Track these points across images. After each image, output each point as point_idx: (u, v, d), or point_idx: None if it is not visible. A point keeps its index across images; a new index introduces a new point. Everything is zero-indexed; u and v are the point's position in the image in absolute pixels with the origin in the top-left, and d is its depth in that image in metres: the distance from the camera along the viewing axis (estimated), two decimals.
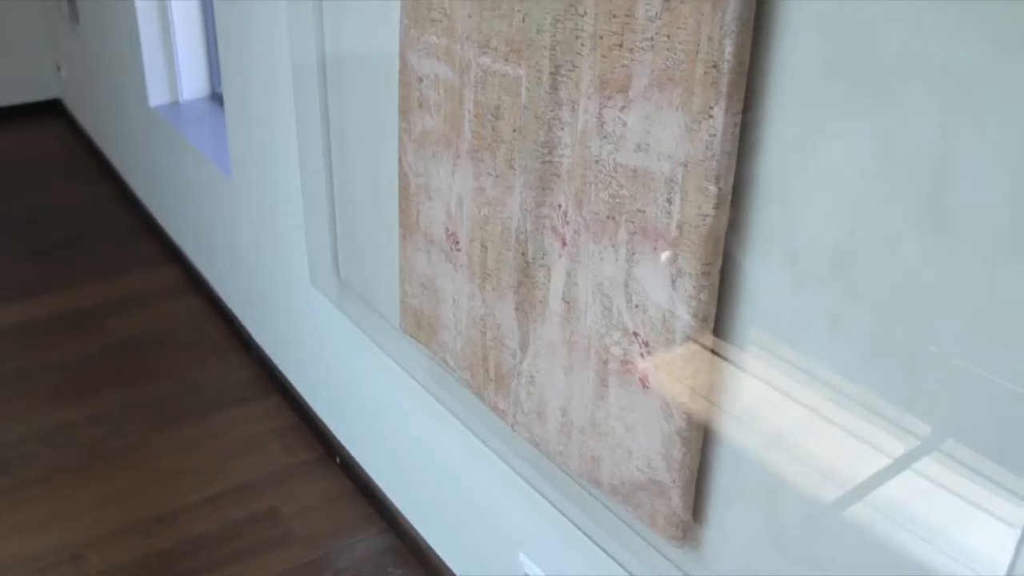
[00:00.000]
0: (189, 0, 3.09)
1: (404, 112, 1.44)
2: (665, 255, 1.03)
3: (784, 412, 1.01)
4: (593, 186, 1.10)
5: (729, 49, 0.90)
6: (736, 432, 1.07)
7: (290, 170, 2.10)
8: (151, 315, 3.06)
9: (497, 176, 1.27)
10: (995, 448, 0.80)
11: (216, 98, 3.20)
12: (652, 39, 0.98)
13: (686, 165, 0.97)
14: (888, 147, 0.82)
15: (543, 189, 1.18)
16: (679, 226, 1.00)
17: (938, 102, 0.77)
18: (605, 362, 1.17)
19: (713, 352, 1.05)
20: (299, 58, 1.85)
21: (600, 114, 1.06)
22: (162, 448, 2.41)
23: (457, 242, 1.39)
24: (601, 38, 1.03)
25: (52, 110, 4.93)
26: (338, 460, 2.34)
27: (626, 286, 1.10)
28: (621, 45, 1.01)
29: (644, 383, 1.12)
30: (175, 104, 3.21)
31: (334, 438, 2.35)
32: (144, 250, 3.48)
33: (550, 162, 1.16)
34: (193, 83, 3.20)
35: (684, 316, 1.03)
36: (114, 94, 3.73)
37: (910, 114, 0.80)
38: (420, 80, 1.37)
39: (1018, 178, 0.72)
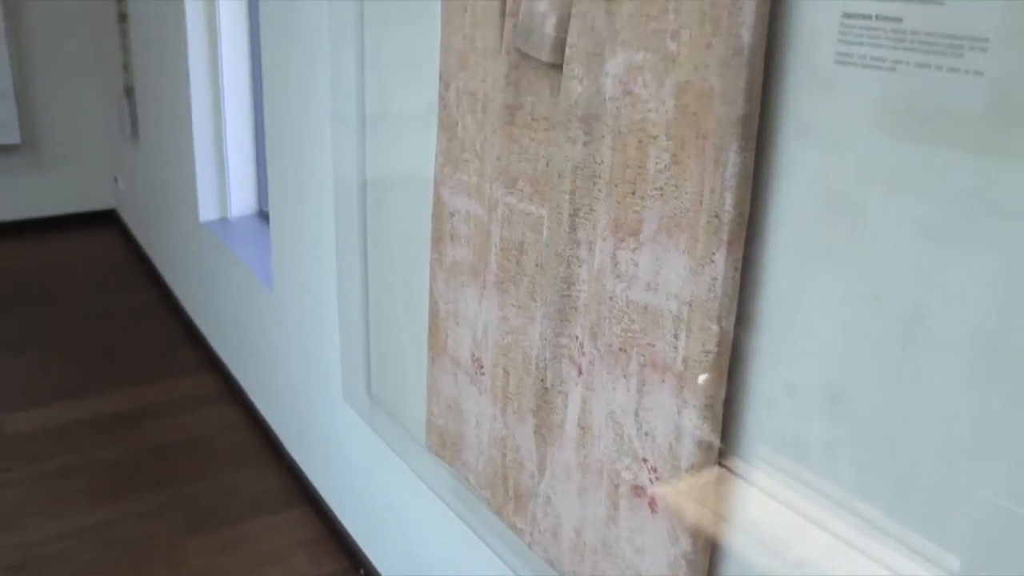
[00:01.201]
0: (242, 125, 3.28)
1: (436, 242, 1.54)
2: (672, 387, 1.10)
3: (788, 534, 1.06)
4: (607, 320, 1.18)
5: (730, 201, 0.99)
6: (742, 554, 1.11)
7: (328, 288, 2.21)
8: (189, 421, 3.15)
9: (520, 307, 1.35)
10: (983, 556, 0.84)
11: (263, 216, 3.35)
12: (661, 189, 1.07)
13: (691, 304, 1.05)
14: (871, 292, 0.90)
15: (562, 321, 1.26)
16: (684, 361, 1.07)
17: (915, 254, 0.85)
18: (616, 486, 1.23)
19: (718, 479, 1.11)
20: (341, 182, 1.98)
21: (614, 254, 1.15)
22: (193, 552, 2.47)
23: (482, 367, 1.47)
24: (616, 186, 1.13)
25: (107, 219, 5.15)
26: (362, 572, 2.37)
27: (636, 415, 1.16)
28: (634, 193, 1.11)
29: (652, 507, 1.17)
30: (224, 220, 3.37)
31: (359, 550, 2.39)
32: (186, 358, 3.59)
33: (568, 296, 1.24)
34: (242, 201, 3.37)
35: (689, 445, 1.09)
36: (167, 207, 3.92)
37: (890, 264, 0.87)
38: (451, 214, 1.48)
39: (983, 325, 0.79)
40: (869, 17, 0.85)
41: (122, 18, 4.32)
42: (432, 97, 1.51)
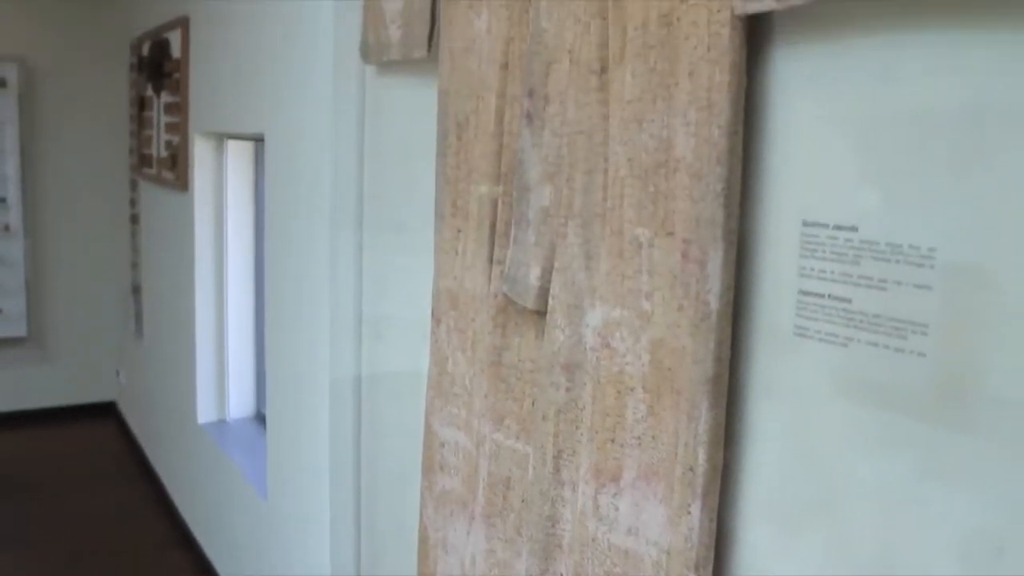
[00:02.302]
0: (244, 327, 3.37)
1: (426, 471, 1.57)
2: None
3: None
4: (591, 561, 1.20)
5: (703, 456, 1.04)
6: None
7: (321, 503, 2.22)
8: None
9: (507, 541, 1.38)
10: None
11: (260, 418, 3.39)
12: (639, 438, 1.12)
13: (669, 553, 1.08)
14: (841, 545, 0.93)
15: (547, 558, 1.28)
16: None
17: (880, 511, 0.89)
18: None
19: None
20: (337, 395, 2.03)
21: (596, 497, 1.19)
22: None
23: None
24: (597, 432, 1.18)
25: (107, 411, 5.18)
26: None
27: None
28: (613, 440, 1.16)
29: None
30: (222, 422, 3.40)
31: None
32: (176, 562, 3.54)
33: (553, 534, 1.27)
34: (241, 403, 3.42)
35: None
36: (165, 405, 3.96)
37: (858, 520, 0.91)
38: (442, 445, 1.52)
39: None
40: (822, 296, 0.93)
41: (134, 219, 4.50)
42: (424, 314, 1.58)
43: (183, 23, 3.37)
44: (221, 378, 3.40)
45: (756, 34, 1.01)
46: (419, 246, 1.65)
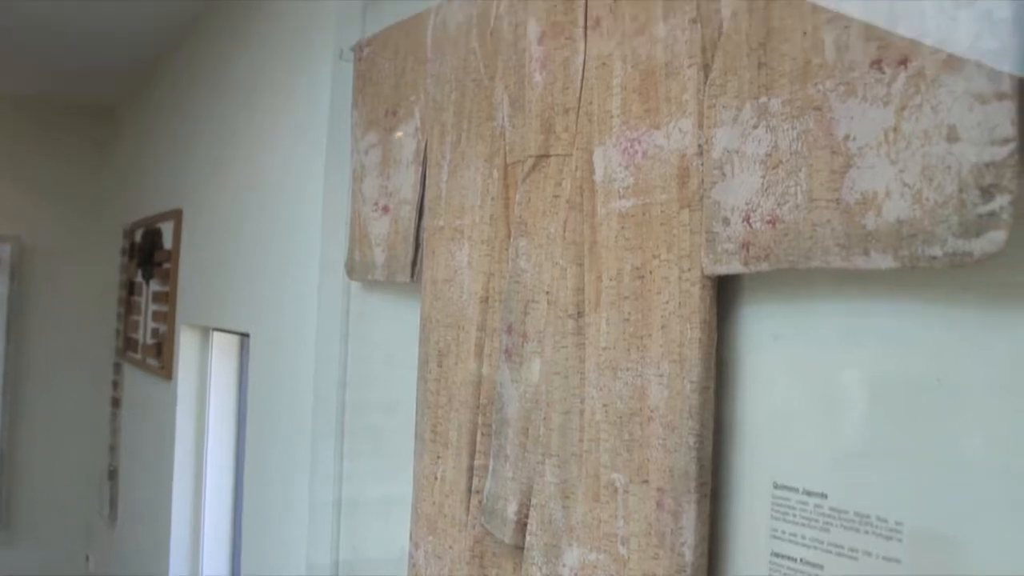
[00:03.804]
0: (221, 516, 3.30)
1: None
2: None
3: None
4: None
5: None
6: None
7: None
8: None
9: None
10: None
11: None
12: None
13: None
14: None
15: None
16: None
17: None
18: None
19: None
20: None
21: None
22: None
23: None
24: None
25: None
26: None
27: None
28: None
29: None
30: None
31: None
32: None
33: None
34: None
35: None
36: None
37: None
38: None
39: None
40: (795, 560, 0.93)
41: (116, 402, 4.48)
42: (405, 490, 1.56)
43: (176, 216, 3.46)
44: (196, 565, 3.31)
45: (726, 291, 1.05)
46: (399, 464, 1.65)
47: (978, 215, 0.77)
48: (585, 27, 1.21)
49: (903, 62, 0.83)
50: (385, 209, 1.67)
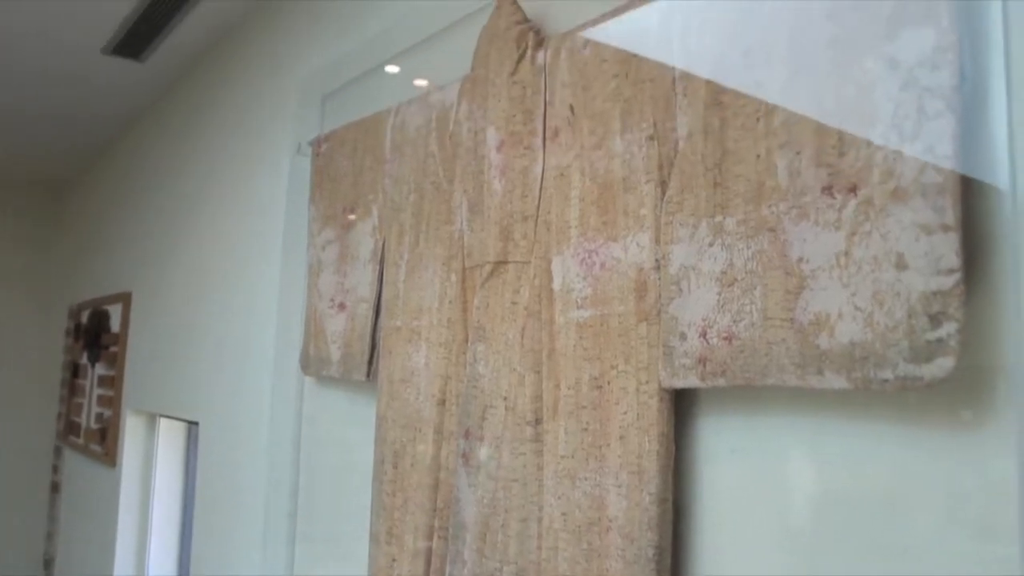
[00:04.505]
0: None
1: None
2: None
3: None
4: None
5: None
6: None
7: None
8: None
9: None
10: None
11: None
12: None
13: None
14: None
15: None
16: None
17: None
18: None
19: None
20: None
21: None
22: None
23: None
24: None
25: None
26: None
27: None
28: None
29: None
30: None
31: None
32: None
33: None
34: None
35: None
36: None
37: None
38: None
39: None
40: None
41: (55, 487, 4.35)
42: None
43: (125, 298, 3.42)
44: None
45: (683, 402, 1.06)
46: (353, 566, 1.62)
47: (927, 341, 0.79)
48: (544, 138, 1.24)
49: (853, 189, 0.86)
50: (342, 306, 1.66)
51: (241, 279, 2.32)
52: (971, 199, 0.80)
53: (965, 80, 0.82)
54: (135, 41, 2.78)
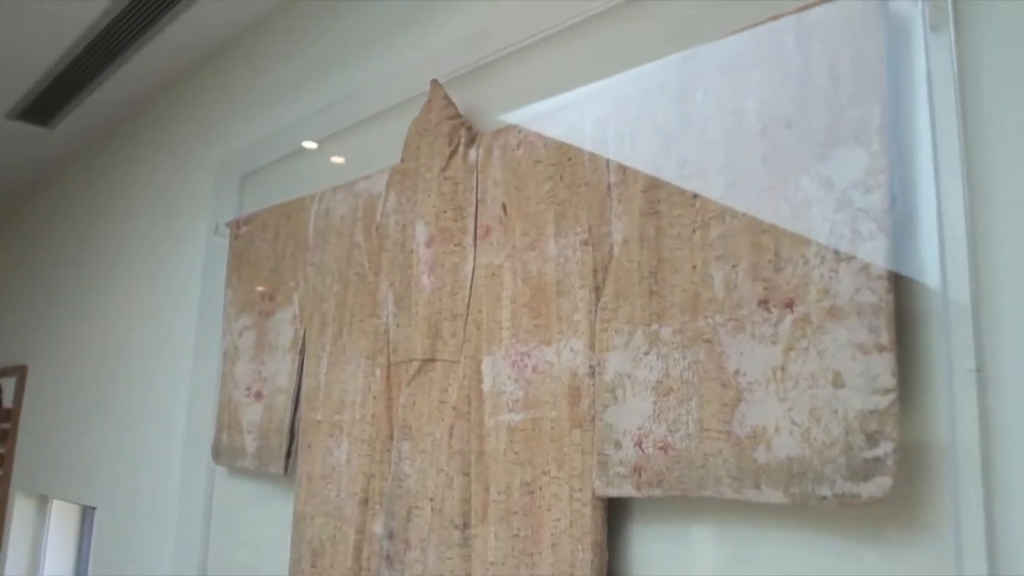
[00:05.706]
0: None
1: None
2: None
3: None
4: None
5: None
6: None
7: None
8: None
9: None
10: None
11: None
12: None
13: None
14: None
15: None
16: None
17: None
18: None
19: None
20: None
21: None
22: None
23: None
24: None
25: None
26: None
27: None
28: None
29: None
30: None
31: None
32: None
33: None
34: None
35: None
36: None
37: None
38: None
39: None
40: None
41: None
42: None
43: (20, 372, 3.27)
44: None
45: (618, 510, 1.04)
46: None
47: (864, 459, 0.80)
48: (475, 235, 1.23)
49: (789, 305, 0.87)
50: (258, 395, 1.61)
51: (150, 358, 2.23)
52: (904, 319, 0.82)
53: (895, 202, 0.84)
54: (44, 106, 2.70)
